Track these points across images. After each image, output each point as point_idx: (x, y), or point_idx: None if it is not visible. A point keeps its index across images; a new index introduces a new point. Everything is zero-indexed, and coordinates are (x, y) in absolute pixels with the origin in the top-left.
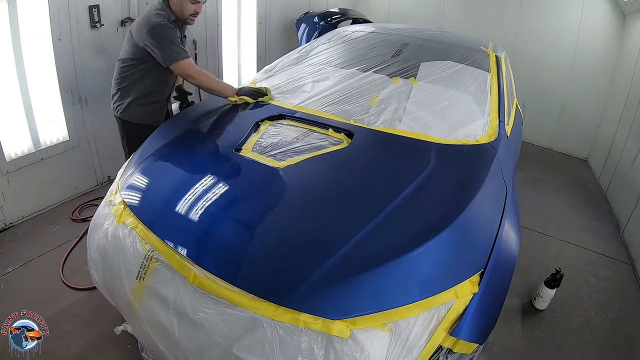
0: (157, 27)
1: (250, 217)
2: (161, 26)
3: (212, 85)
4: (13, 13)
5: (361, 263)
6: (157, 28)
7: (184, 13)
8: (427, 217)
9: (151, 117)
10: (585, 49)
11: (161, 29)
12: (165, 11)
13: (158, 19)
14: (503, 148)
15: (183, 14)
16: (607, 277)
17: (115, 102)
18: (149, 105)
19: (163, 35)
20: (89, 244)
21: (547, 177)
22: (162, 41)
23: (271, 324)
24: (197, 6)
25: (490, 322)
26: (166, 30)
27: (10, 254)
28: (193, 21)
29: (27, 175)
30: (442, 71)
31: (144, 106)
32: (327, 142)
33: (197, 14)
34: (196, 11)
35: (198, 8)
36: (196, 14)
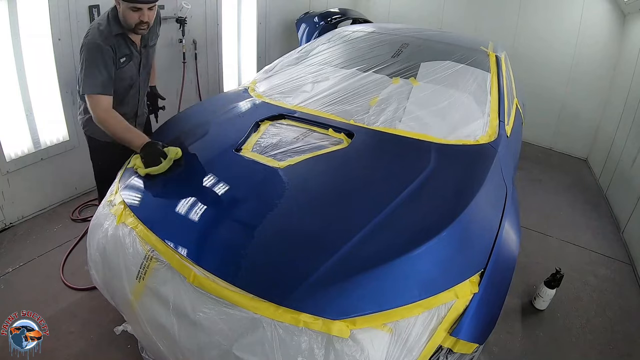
0: (88, 46)
1: (251, 217)
2: (91, 46)
3: (119, 134)
4: (13, 13)
5: (361, 263)
6: (88, 47)
7: (128, 23)
8: (427, 217)
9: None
10: (585, 49)
11: (90, 49)
12: (108, 24)
13: (94, 34)
14: (503, 148)
15: (128, 24)
16: (607, 277)
17: (79, 115)
18: None
19: (89, 57)
20: (89, 244)
21: (547, 177)
22: (86, 63)
23: (271, 324)
24: (140, 14)
25: (490, 322)
26: (95, 51)
27: (10, 254)
28: (144, 31)
29: (27, 175)
30: (442, 71)
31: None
32: (327, 142)
33: (146, 24)
34: (141, 20)
35: (143, 16)
36: (144, 24)
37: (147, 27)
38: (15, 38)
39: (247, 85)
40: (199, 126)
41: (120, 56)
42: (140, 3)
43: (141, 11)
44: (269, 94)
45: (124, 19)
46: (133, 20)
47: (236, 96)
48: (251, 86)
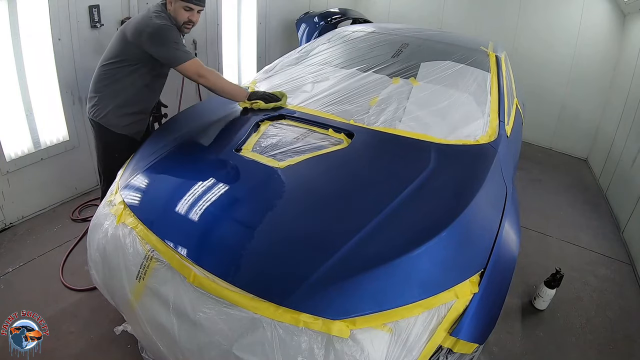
0: (160, 29)
1: (251, 217)
2: (164, 27)
3: (223, 86)
4: (13, 13)
5: (361, 263)
6: (161, 30)
7: (178, 20)
8: (427, 217)
9: (131, 128)
10: (585, 49)
11: (165, 30)
12: (166, 14)
13: (159, 20)
14: (503, 148)
15: (177, 21)
16: (607, 277)
17: (93, 106)
18: (131, 115)
19: (168, 37)
20: (89, 244)
21: (547, 177)
22: (167, 42)
23: (271, 324)
24: (191, 14)
25: (490, 322)
26: (170, 31)
27: (10, 254)
28: (188, 30)
29: (27, 175)
30: (442, 71)
31: (126, 116)
32: (327, 142)
33: (193, 24)
34: (190, 19)
35: (193, 16)
36: (191, 23)
37: (190, 28)
38: (15, 38)
39: (247, 85)
40: (199, 126)
41: None
42: (194, 4)
43: (192, 12)
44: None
45: (174, 15)
46: (182, 18)
47: None
48: (251, 86)
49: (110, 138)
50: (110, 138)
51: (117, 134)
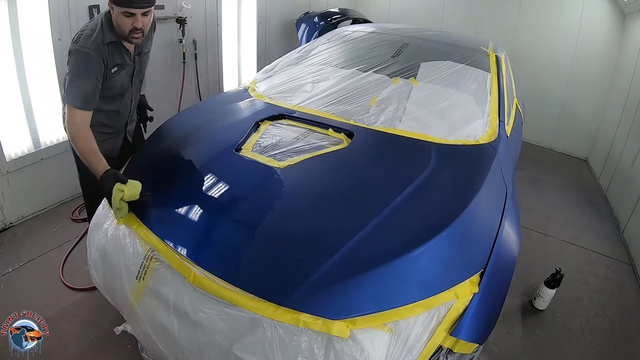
0: (76, 53)
1: (250, 217)
2: (80, 54)
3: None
4: (13, 13)
5: (361, 263)
6: (76, 54)
7: (122, 29)
8: (427, 217)
9: (104, 145)
10: (585, 49)
11: (78, 57)
12: (101, 30)
13: (86, 41)
14: (503, 148)
15: (121, 30)
16: (607, 277)
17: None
18: (101, 134)
19: (76, 66)
20: (89, 244)
21: (547, 177)
22: (72, 72)
23: (271, 324)
24: (134, 20)
25: (490, 322)
26: (83, 61)
27: (10, 254)
28: (138, 39)
29: (27, 175)
30: (442, 71)
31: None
32: (327, 142)
33: (140, 31)
34: (135, 26)
35: (137, 23)
36: (137, 31)
37: (141, 35)
38: (15, 38)
39: (247, 85)
40: (199, 126)
41: (112, 66)
42: (134, 8)
43: (134, 17)
44: (269, 94)
45: (117, 25)
46: (126, 27)
47: (236, 96)
48: (251, 86)
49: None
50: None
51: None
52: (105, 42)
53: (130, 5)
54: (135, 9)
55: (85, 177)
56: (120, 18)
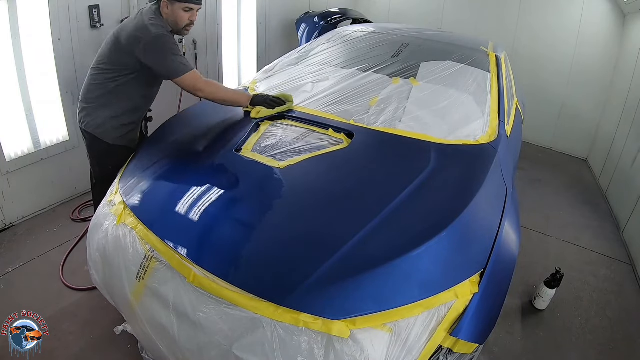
0: (157, 38)
1: (250, 217)
2: (161, 37)
3: (224, 97)
4: (13, 13)
5: (361, 263)
6: (158, 39)
7: (178, 23)
8: (427, 217)
9: (125, 138)
10: (585, 49)
11: (162, 40)
12: (161, 20)
13: (156, 29)
14: (503, 148)
15: (177, 24)
16: (607, 277)
17: (85, 116)
18: (125, 126)
19: (165, 47)
20: (89, 244)
21: (547, 177)
22: (165, 53)
23: (271, 324)
24: (191, 14)
25: (490, 322)
26: (167, 41)
27: (10, 254)
28: (188, 31)
29: (27, 175)
30: (442, 71)
31: (121, 127)
32: (327, 142)
33: (192, 24)
34: (191, 20)
35: (193, 17)
36: (191, 24)
37: (191, 28)
38: (15, 38)
39: (247, 85)
40: (199, 126)
41: None
42: (194, 3)
43: (192, 12)
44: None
45: (174, 19)
46: (183, 20)
47: None
48: (251, 86)
49: (105, 149)
50: (105, 149)
51: (112, 144)
52: (168, 31)
53: (191, 2)
54: (195, 5)
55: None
56: (179, 13)
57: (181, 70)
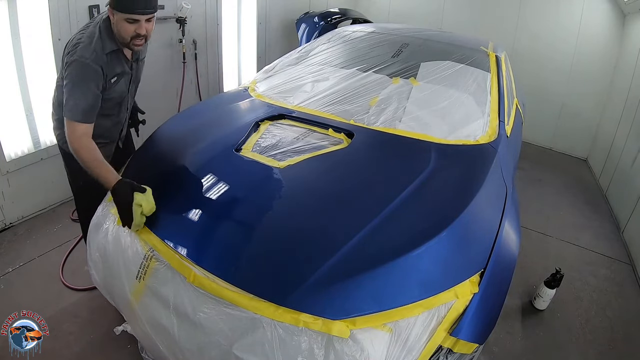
0: (76, 65)
1: (250, 217)
2: (80, 66)
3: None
4: (13, 13)
5: (361, 263)
6: (75, 66)
7: (123, 36)
8: (427, 217)
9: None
10: (585, 49)
11: (79, 69)
12: (100, 39)
13: (85, 51)
14: (503, 148)
15: (123, 37)
16: (607, 277)
17: (55, 129)
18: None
19: (75, 79)
20: (89, 244)
21: (547, 177)
22: (71, 84)
23: (271, 324)
24: (137, 26)
25: (490, 322)
26: (83, 73)
27: (10, 254)
28: (139, 46)
29: (27, 175)
30: (442, 71)
31: None
32: (327, 142)
33: (142, 37)
34: (138, 33)
35: (140, 29)
36: (140, 37)
37: (143, 42)
38: (15, 38)
39: (247, 85)
40: (199, 126)
41: (111, 76)
42: (138, 14)
43: (138, 23)
44: (269, 94)
45: (118, 32)
46: (128, 33)
47: (236, 96)
48: (251, 86)
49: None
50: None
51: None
52: (106, 52)
53: (133, 12)
54: (140, 15)
55: (77, 184)
56: (123, 24)
57: (69, 113)
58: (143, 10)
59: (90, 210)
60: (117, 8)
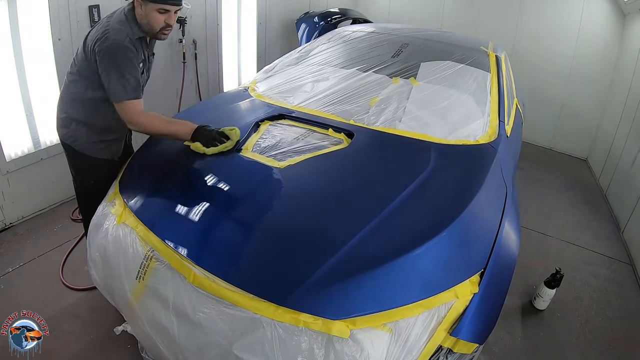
0: (112, 48)
1: (250, 217)
2: (118, 48)
3: (161, 131)
4: (13, 13)
5: (361, 263)
6: (113, 49)
7: (153, 26)
8: (427, 217)
9: (108, 151)
10: (585, 49)
11: (117, 51)
12: (128, 25)
13: (116, 35)
14: (503, 148)
15: (152, 27)
16: (607, 277)
17: (62, 128)
18: (103, 142)
19: (116, 59)
20: (89, 244)
21: (547, 177)
22: (113, 67)
23: (271, 324)
24: (167, 17)
25: (490, 322)
26: (123, 53)
27: (10, 254)
28: (166, 36)
29: (27, 175)
30: (442, 71)
31: (99, 142)
32: (327, 142)
33: (170, 28)
34: (167, 23)
35: (169, 19)
36: (168, 27)
37: (169, 33)
38: (15, 38)
39: (247, 85)
40: None
41: (139, 61)
42: (170, 4)
43: (169, 13)
44: (269, 94)
45: (147, 21)
46: (158, 23)
47: (236, 96)
48: (251, 86)
49: (85, 163)
50: (85, 163)
51: (92, 157)
52: (136, 37)
53: (166, 2)
54: (171, 6)
55: (86, 183)
56: (153, 14)
57: (120, 95)
58: (175, 1)
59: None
60: None
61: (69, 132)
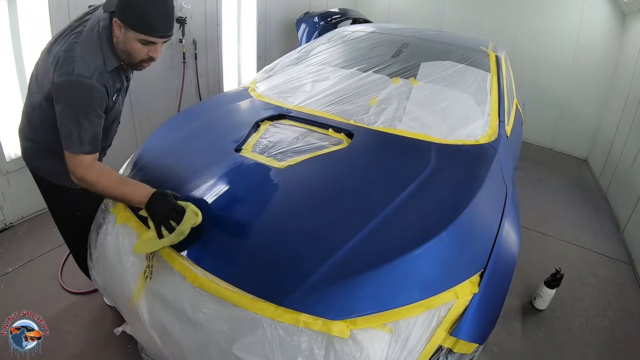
0: (75, 86)
1: (250, 217)
2: (81, 87)
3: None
4: (13, 13)
5: (361, 263)
6: (75, 87)
7: (132, 56)
8: (427, 217)
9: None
10: (585, 49)
11: (80, 91)
12: (101, 52)
13: (84, 67)
14: (503, 148)
15: (131, 57)
16: (607, 277)
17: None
18: None
19: (77, 104)
20: (89, 244)
21: (547, 177)
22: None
23: (271, 324)
24: (151, 49)
25: (490, 322)
26: (86, 95)
27: (10, 254)
28: (144, 68)
29: (27, 175)
30: (442, 71)
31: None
32: (327, 142)
33: (153, 60)
34: (151, 56)
35: (154, 52)
36: (151, 60)
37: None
38: (15, 38)
39: (247, 85)
40: (199, 126)
41: (113, 93)
42: (156, 37)
43: (154, 46)
44: (269, 94)
45: (126, 49)
46: (140, 55)
47: (236, 96)
48: (251, 86)
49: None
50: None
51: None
52: (109, 70)
53: (152, 34)
54: (158, 38)
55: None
56: (134, 45)
57: (74, 147)
58: (163, 33)
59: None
60: (131, 25)
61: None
